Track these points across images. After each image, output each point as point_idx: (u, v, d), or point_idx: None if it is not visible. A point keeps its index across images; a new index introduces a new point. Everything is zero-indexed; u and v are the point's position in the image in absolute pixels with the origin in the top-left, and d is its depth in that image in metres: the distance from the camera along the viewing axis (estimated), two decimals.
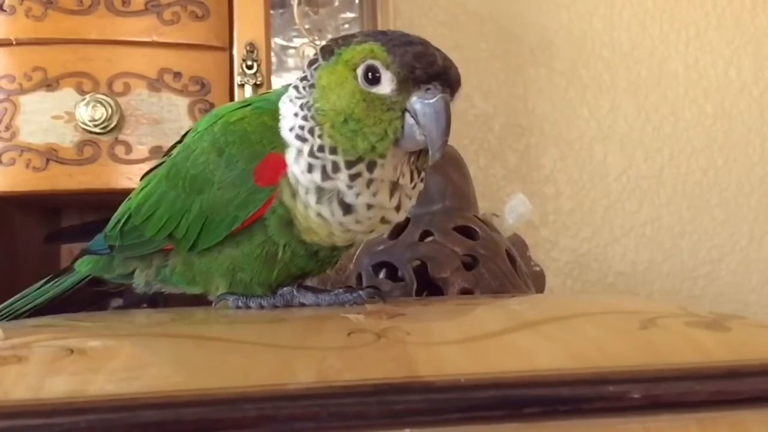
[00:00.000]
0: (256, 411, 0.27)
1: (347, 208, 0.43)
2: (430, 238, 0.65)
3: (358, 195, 0.42)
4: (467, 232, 0.66)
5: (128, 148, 0.73)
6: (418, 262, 0.65)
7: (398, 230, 0.66)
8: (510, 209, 0.74)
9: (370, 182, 0.42)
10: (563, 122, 1.16)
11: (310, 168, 0.42)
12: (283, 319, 0.40)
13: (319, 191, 0.42)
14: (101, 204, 0.53)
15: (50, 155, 0.71)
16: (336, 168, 0.42)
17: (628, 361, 0.31)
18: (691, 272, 1.17)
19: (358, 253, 0.68)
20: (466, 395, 0.29)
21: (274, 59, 0.96)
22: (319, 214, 0.43)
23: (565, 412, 0.29)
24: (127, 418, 0.27)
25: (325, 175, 0.42)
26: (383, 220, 0.44)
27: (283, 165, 0.43)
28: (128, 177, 0.72)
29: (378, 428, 0.28)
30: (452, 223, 0.66)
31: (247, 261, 0.45)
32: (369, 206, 0.43)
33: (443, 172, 0.69)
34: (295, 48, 1.06)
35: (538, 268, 0.85)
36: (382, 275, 0.67)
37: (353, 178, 0.42)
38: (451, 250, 0.64)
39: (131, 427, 0.26)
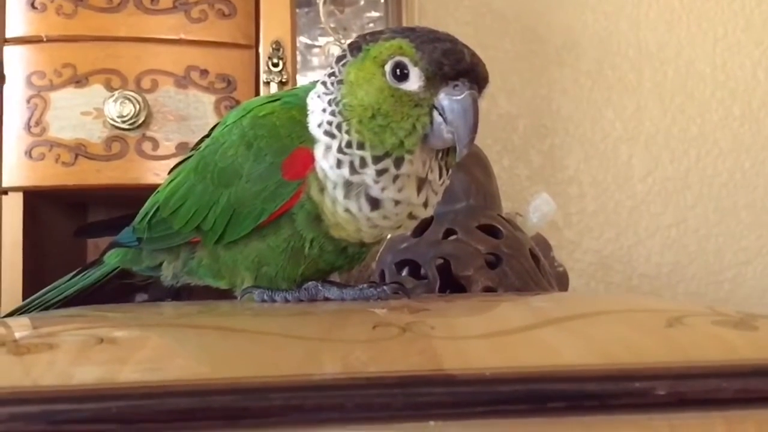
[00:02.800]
0: (282, 401, 0.28)
1: (375, 204, 0.43)
2: (453, 237, 0.65)
3: (384, 190, 0.42)
4: (491, 230, 0.66)
5: (155, 145, 0.73)
6: (442, 260, 0.65)
7: (422, 228, 0.66)
8: (534, 208, 0.74)
9: (396, 178, 0.42)
10: (588, 123, 1.15)
11: (339, 164, 0.43)
12: (308, 313, 0.40)
13: (347, 186, 0.43)
14: (127, 200, 0.54)
15: (79, 150, 0.72)
16: (363, 163, 0.42)
17: (654, 357, 0.31)
18: (717, 275, 1.15)
19: (381, 250, 0.68)
20: (490, 389, 0.29)
21: (299, 58, 0.97)
22: (347, 210, 0.43)
23: (590, 408, 0.29)
24: (156, 405, 0.27)
25: (353, 170, 0.42)
26: (411, 216, 0.44)
27: (311, 159, 0.43)
28: (155, 173, 0.73)
29: (402, 420, 0.28)
30: (476, 221, 0.66)
31: (273, 255, 0.45)
32: (396, 202, 0.43)
33: (467, 170, 0.69)
34: (319, 47, 1.07)
35: (561, 269, 0.85)
36: (405, 273, 0.67)
37: (380, 173, 0.42)
38: (475, 249, 0.64)
39: (160, 413, 0.27)
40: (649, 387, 0.29)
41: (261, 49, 0.77)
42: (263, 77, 0.76)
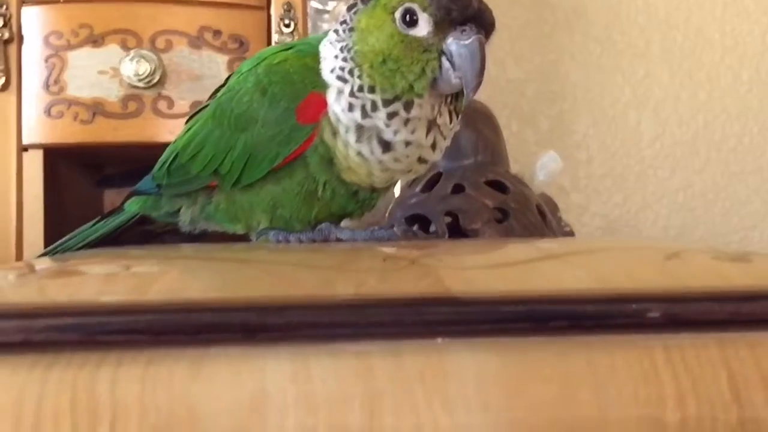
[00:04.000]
0: (298, 317, 0.29)
1: (386, 146, 0.44)
2: (461, 192, 0.67)
3: (396, 133, 0.44)
4: (498, 186, 0.67)
5: (170, 103, 0.75)
6: (450, 215, 0.66)
7: (431, 184, 0.68)
8: (541, 166, 0.75)
9: (407, 121, 0.44)
10: (596, 88, 1.16)
11: (351, 107, 0.44)
12: (321, 250, 0.42)
13: (359, 129, 0.44)
14: (142, 160, 0.56)
15: (96, 109, 0.74)
16: (374, 107, 0.44)
17: (650, 284, 0.33)
18: (723, 239, 1.17)
19: (391, 207, 0.70)
20: (494, 309, 0.30)
21: (309, 23, 0.98)
22: (359, 153, 0.45)
23: (589, 328, 0.31)
24: (181, 320, 0.29)
25: (364, 114, 0.44)
26: (420, 159, 0.46)
27: (324, 104, 0.45)
28: (170, 131, 0.75)
29: (412, 337, 0.30)
30: (484, 177, 0.68)
31: (287, 197, 0.47)
32: (407, 143, 0.45)
33: (475, 127, 0.70)
34: (329, 12, 1.08)
35: (568, 229, 0.86)
36: (415, 228, 0.69)
37: (390, 116, 0.44)
38: (482, 203, 0.66)
39: (184, 327, 0.29)
40: (644, 309, 0.31)
41: (273, 11, 0.78)
42: (275, 38, 0.78)
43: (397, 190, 0.75)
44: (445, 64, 0.43)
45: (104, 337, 0.28)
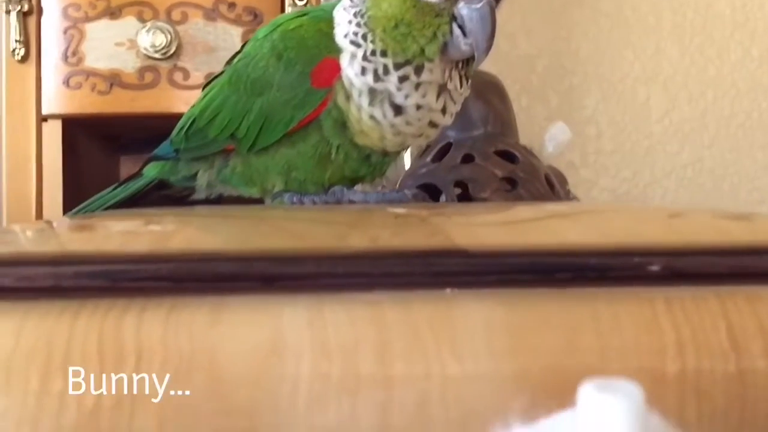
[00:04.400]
0: (315, 267, 0.31)
1: (397, 110, 0.46)
2: (471, 162, 0.68)
3: (406, 96, 0.46)
4: (507, 156, 0.68)
5: (186, 75, 0.76)
6: (460, 185, 0.68)
7: (441, 154, 0.69)
8: (550, 137, 0.76)
9: (418, 85, 0.45)
10: (606, 64, 1.16)
11: (363, 71, 0.46)
12: (335, 209, 0.43)
13: (372, 93, 0.46)
14: (158, 130, 0.57)
15: (114, 80, 0.76)
16: (386, 70, 0.45)
17: (653, 238, 0.34)
18: None
19: (402, 177, 0.71)
20: (501, 261, 0.32)
21: None
22: (371, 117, 0.46)
23: (592, 280, 0.32)
24: (202, 268, 0.30)
25: (376, 77, 0.45)
26: (431, 124, 0.47)
27: (337, 68, 0.46)
28: (185, 102, 0.76)
29: (422, 287, 0.31)
30: (493, 147, 0.69)
31: (302, 160, 0.49)
32: (418, 107, 0.46)
33: (485, 98, 0.71)
34: None
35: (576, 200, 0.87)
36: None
37: (402, 80, 0.45)
38: (492, 173, 0.67)
39: (204, 275, 0.30)
40: (646, 262, 0.32)
41: None
42: (288, 11, 0.79)
43: (407, 162, 0.76)
44: (456, 30, 0.44)
45: (129, 284, 0.29)
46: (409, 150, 0.75)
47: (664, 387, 0.31)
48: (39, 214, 0.74)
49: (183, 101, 0.76)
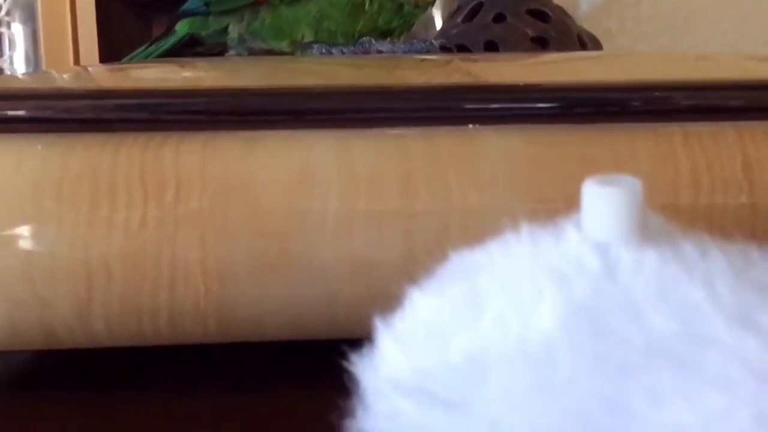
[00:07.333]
0: (342, 103, 0.32)
1: None
2: (503, 22, 0.68)
3: None
4: (540, 15, 0.68)
5: None
6: (491, 44, 0.67)
7: (472, 14, 0.69)
8: None
9: None
10: None
11: None
12: (363, 56, 0.44)
13: None
14: None
15: None
16: None
17: (674, 75, 0.34)
18: None
19: (432, 38, 0.71)
20: (523, 96, 0.33)
21: None
22: None
23: (611, 114, 0.33)
24: (236, 102, 0.32)
25: None
26: None
27: None
28: None
29: (446, 123, 0.32)
30: (525, 6, 0.68)
31: (334, 10, 0.49)
32: None
33: None
34: None
35: None
36: None
37: None
38: (523, 32, 0.66)
39: (239, 109, 0.32)
40: (665, 96, 0.33)
41: None
42: None
43: (438, 23, 0.76)
44: None
45: (167, 116, 0.31)
46: (439, 12, 0.74)
47: (677, 218, 0.32)
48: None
49: None
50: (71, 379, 0.32)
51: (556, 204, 0.30)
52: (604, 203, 0.19)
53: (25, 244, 0.28)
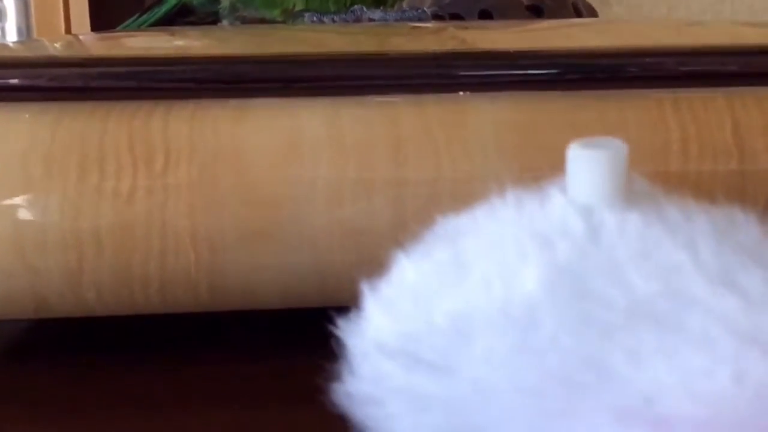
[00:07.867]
0: (331, 70, 0.32)
1: None
2: None
3: None
4: None
5: None
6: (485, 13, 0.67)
7: None
8: None
9: None
10: None
11: None
12: (354, 25, 0.44)
13: None
14: None
15: None
16: None
17: (664, 41, 0.34)
18: None
19: (426, 7, 0.71)
20: (514, 62, 0.32)
21: None
22: None
23: (601, 81, 0.32)
24: (224, 70, 0.31)
25: None
26: None
27: None
28: None
29: (435, 90, 0.32)
30: None
31: None
32: None
33: None
34: None
35: None
36: None
37: None
38: (517, 1, 0.66)
39: (227, 77, 0.31)
40: (657, 62, 0.32)
41: None
42: None
43: None
44: None
45: (155, 85, 0.31)
46: None
47: (667, 185, 0.32)
48: None
49: None
50: (65, 348, 0.32)
51: (546, 171, 0.30)
52: (589, 166, 0.19)
53: (14, 213, 0.28)
